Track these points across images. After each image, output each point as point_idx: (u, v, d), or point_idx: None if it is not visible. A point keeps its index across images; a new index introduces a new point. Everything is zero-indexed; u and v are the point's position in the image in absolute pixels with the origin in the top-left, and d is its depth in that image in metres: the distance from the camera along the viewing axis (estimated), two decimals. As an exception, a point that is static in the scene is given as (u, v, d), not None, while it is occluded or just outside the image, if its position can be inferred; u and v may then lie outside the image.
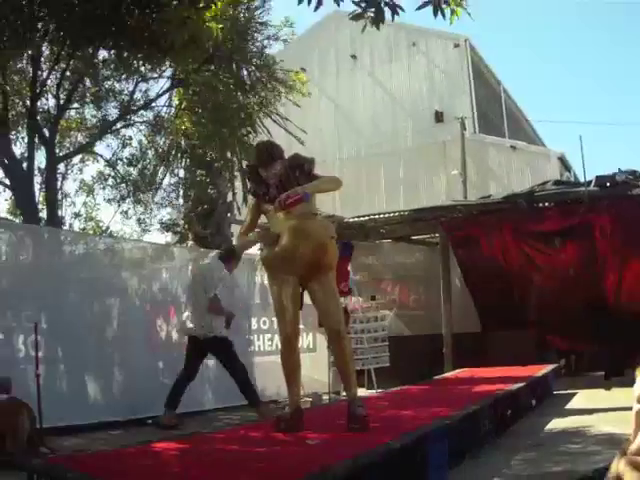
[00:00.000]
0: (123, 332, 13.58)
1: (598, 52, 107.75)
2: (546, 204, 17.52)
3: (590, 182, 16.56)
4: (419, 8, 8.78)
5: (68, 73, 15.29)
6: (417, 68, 33.00)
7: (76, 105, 16.28)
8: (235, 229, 18.31)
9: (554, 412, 11.97)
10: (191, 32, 12.28)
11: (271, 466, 6.14)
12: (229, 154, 17.07)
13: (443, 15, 8.88)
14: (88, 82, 15.81)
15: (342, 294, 13.64)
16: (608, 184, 16.12)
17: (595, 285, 16.81)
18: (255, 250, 9.85)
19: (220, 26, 13.76)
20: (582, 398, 13.78)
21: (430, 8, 8.85)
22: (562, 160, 31.38)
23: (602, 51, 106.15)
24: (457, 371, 16.13)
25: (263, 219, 8.08)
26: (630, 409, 5.47)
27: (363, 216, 19.42)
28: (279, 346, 8.46)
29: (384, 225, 19.28)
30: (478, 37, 45.21)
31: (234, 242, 17.99)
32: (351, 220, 19.04)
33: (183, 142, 16.42)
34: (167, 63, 15.77)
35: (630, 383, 5.73)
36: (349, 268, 17.69)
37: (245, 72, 17.32)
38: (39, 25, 13.91)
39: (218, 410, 14.30)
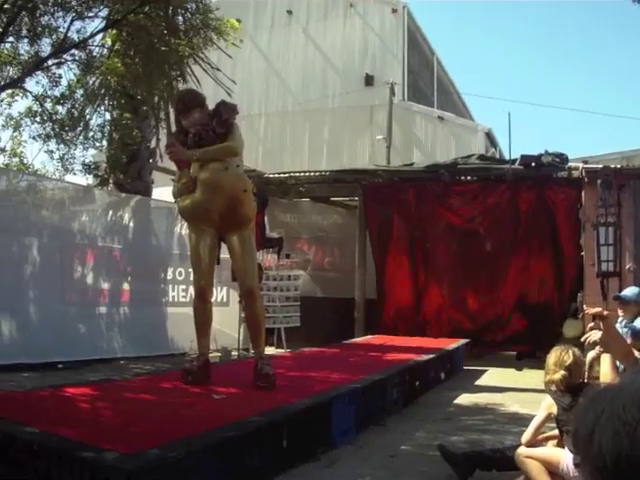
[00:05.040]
0: (40, 273, 13.35)
1: (538, 33, 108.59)
2: (468, 178, 17.60)
3: (515, 160, 16.64)
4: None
5: (7, 5, 14.94)
6: (352, 29, 32.74)
7: (11, 39, 15.90)
8: (156, 176, 18.10)
9: (463, 387, 12.12)
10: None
11: (180, 417, 6.17)
12: (156, 98, 16.89)
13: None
14: (25, 17, 15.43)
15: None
16: (533, 164, 16.21)
17: (503, 270, 17.01)
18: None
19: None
20: (492, 376, 13.94)
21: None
22: (489, 136, 31.48)
23: (541, 33, 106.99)
24: (368, 337, 16.21)
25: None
26: (538, 391, 5.63)
27: (284, 173, 19.34)
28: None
29: (304, 183, 19.15)
30: (417, 4, 45.19)
31: (154, 189, 17.84)
32: (271, 176, 18.93)
33: (113, 83, 16.14)
34: (104, 2, 15.55)
35: (541, 365, 5.87)
36: (265, 224, 17.60)
37: (180, 18, 17.10)
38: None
39: (128, 359, 14.13)
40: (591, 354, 6.83)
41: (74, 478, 4.74)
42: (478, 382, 13.10)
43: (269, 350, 11.41)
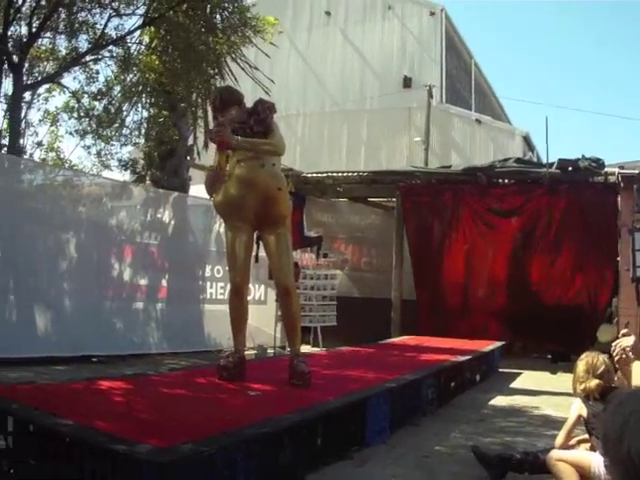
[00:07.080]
0: (76, 267, 13.43)
1: (575, 42, 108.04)
2: (506, 181, 17.54)
3: (552, 164, 16.57)
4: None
5: (43, 2, 15.06)
6: (390, 32, 32.80)
7: (48, 35, 16.02)
8: (193, 173, 18.16)
9: (498, 389, 12.06)
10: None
11: (214, 412, 6.15)
12: (194, 96, 16.97)
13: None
14: (62, 13, 15.55)
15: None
16: (570, 168, 16.13)
17: (539, 272, 16.97)
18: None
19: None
20: (527, 379, 13.85)
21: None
22: (526, 139, 31.47)
23: (578, 37, 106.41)
24: (404, 337, 16.15)
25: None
26: (572, 395, 5.62)
27: (322, 173, 19.35)
28: (231, 295, 8.48)
29: (342, 184, 19.19)
30: (455, 7, 44.86)
31: (191, 186, 17.90)
32: (309, 175, 18.95)
33: (150, 80, 16.22)
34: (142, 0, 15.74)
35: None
36: (304, 223, 17.60)
37: (218, 16, 17.16)
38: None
39: (163, 354, 14.20)
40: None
41: (106, 470, 4.73)
42: (513, 384, 13.03)
43: (305, 348, 11.38)
